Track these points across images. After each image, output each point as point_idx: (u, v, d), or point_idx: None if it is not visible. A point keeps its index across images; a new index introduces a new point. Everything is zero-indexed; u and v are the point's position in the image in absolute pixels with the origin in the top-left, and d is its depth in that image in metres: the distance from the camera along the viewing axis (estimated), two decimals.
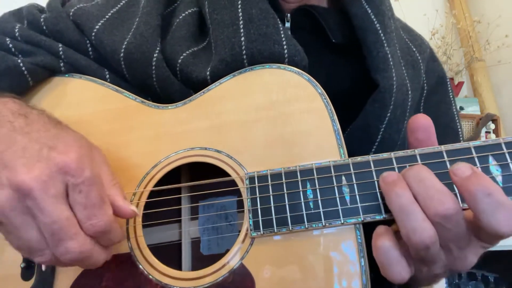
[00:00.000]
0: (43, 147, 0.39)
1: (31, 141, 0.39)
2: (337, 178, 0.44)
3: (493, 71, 1.91)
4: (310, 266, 0.43)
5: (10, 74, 0.54)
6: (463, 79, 1.93)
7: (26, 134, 0.40)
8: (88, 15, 0.59)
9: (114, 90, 0.55)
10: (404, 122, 0.58)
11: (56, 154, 0.38)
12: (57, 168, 0.38)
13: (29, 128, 0.40)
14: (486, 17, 1.87)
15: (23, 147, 0.38)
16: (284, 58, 0.52)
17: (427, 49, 0.69)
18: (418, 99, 0.66)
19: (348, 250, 0.43)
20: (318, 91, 0.49)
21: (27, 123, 0.41)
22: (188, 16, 0.59)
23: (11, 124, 0.40)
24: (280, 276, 0.43)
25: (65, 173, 0.38)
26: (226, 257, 0.45)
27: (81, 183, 0.38)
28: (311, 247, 0.43)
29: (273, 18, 0.54)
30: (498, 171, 0.41)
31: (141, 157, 0.51)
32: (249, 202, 0.46)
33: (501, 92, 1.90)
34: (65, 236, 0.37)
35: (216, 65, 0.53)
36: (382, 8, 0.60)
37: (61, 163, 0.38)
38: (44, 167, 0.37)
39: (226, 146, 0.49)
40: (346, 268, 0.42)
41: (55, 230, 0.37)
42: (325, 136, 0.47)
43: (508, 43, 1.79)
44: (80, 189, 0.38)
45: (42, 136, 0.40)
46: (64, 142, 0.40)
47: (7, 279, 0.49)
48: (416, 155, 0.43)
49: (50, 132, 0.41)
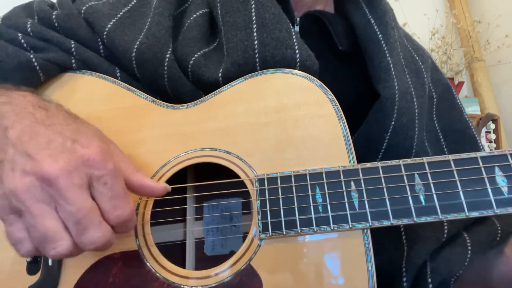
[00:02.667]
0: (66, 140, 0.39)
1: (54, 134, 0.40)
2: (346, 183, 0.45)
3: (493, 71, 1.91)
4: (317, 269, 0.44)
5: (23, 69, 0.54)
6: (463, 79, 1.94)
7: (49, 127, 0.40)
8: (100, 14, 0.59)
9: (126, 89, 0.56)
10: (415, 130, 0.59)
11: (79, 147, 0.39)
12: (82, 160, 0.39)
13: (51, 121, 0.41)
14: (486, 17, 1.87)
15: (47, 139, 0.39)
16: (296, 62, 0.53)
17: (428, 59, 0.71)
18: (429, 107, 0.67)
19: (356, 254, 0.43)
20: (328, 97, 0.50)
21: (48, 116, 0.42)
22: (199, 17, 0.60)
23: (33, 116, 0.41)
24: (287, 278, 0.44)
25: (90, 166, 0.39)
26: (234, 257, 0.46)
27: (106, 175, 0.39)
28: (319, 250, 0.44)
29: (286, 23, 0.55)
30: (504, 182, 0.42)
31: (150, 156, 0.52)
32: (258, 204, 0.46)
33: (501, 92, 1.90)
34: (90, 225, 0.38)
35: (228, 67, 0.53)
36: (385, 18, 0.61)
37: (85, 156, 0.39)
38: (69, 158, 0.38)
39: (236, 147, 0.50)
40: (353, 272, 0.43)
41: (80, 218, 0.38)
42: (335, 141, 0.48)
43: (508, 43, 1.79)
44: (105, 181, 0.39)
45: (65, 129, 0.41)
46: (86, 135, 0.41)
47: (13, 273, 0.49)
48: (424, 163, 0.44)
49: (71, 126, 0.42)
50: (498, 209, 0.42)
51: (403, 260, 0.54)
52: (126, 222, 0.41)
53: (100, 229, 0.39)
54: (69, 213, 0.37)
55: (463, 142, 0.66)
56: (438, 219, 0.42)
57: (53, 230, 0.38)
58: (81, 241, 0.38)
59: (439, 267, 0.54)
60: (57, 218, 0.38)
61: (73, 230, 0.38)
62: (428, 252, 0.54)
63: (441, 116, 0.68)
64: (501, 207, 0.42)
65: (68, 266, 0.48)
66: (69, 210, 0.37)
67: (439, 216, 0.42)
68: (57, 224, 0.38)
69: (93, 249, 0.39)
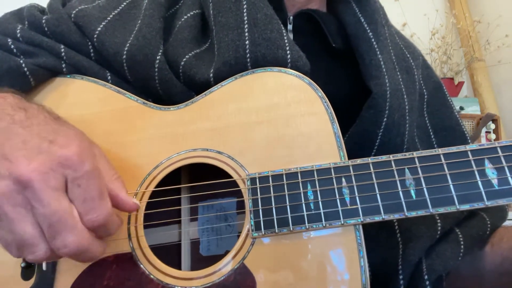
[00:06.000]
0: (43, 141, 0.38)
1: (31, 134, 0.39)
2: (337, 179, 0.45)
3: (493, 71, 1.91)
4: (310, 266, 0.44)
5: (12, 74, 0.54)
6: (463, 79, 1.94)
7: (27, 128, 0.39)
8: (90, 17, 0.59)
9: (116, 91, 0.56)
10: (406, 126, 0.59)
11: (57, 148, 0.38)
12: (57, 161, 0.38)
13: (29, 122, 0.40)
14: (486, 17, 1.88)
15: (23, 140, 0.38)
16: (287, 63, 0.53)
17: (419, 57, 0.72)
18: (419, 104, 0.68)
19: (348, 250, 0.43)
20: (318, 94, 0.50)
21: (27, 116, 0.41)
22: (191, 18, 0.60)
23: (11, 117, 0.40)
24: (281, 276, 0.44)
25: (66, 166, 0.38)
26: (227, 257, 0.46)
27: (80, 177, 0.38)
28: (311, 247, 0.44)
29: (277, 24, 0.55)
30: (494, 174, 0.42)
31: (142, 158, 0.52)
32: (250, 203, 0.46)
33: (501, 92, 1.90)
34: (63, 228, 0.37)
35: (219, 67, 0.53)
36: (375, 16, 0.61)
37: (62, 156, 0.38)
38: (44, 159, 0.37)
39: (228, 147, 0.50)
40: (346, 268, 0.43)
41: (53, 221, 0.37)
42: (325, 138, 0.48)
43: (508, 43, 1.80)
44: (79, 182, 0.38)
45: (43, 129, 0.40)
46: (65, 136, 0.40)
47: (7, 279, 0.49)
48: (414, 157, 0.44)
49: (50, 126, 0.41)
50: (489, 201, 0.42)
51: (398, 259, 0.55)
52: (103, 226, 0.40)
53: (74, 233, 0.37)
54: (43, 216, 0.37)
55: (454, 138, 0.67)
56: (429, 213, 0.42)
57: (29, 234, 0.37)
58: (55, 244, 0.37)
59: (434, 263, 0.54)
60: (34, 222, 0.37)
61: (47, 233, 0.37)
62: (423, 250, 0.54)
63: (431, 113, 0.69)
64: (491, 199, 0.42)
65: (62, 271, 0.48)
66: (42, 213, 0.36)
67: (430, 210, 0.42)
68: (33, 228, 0.37)
69: (68, 254, 0.38)
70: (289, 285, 0.44)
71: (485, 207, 0.42)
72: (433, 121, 0.69)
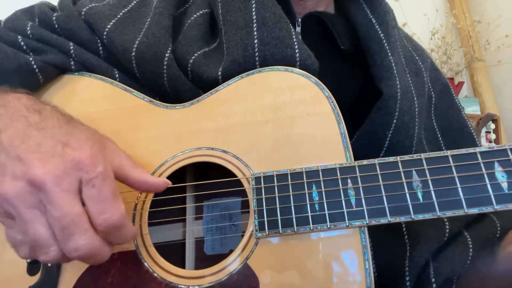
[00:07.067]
0: (57, 144, 0.39)
1: (45, 137, 0.39)
2: (343, 180, 0.44)
3: (493, 71, 1.90)
4: (314, 268, 0.43)
5: (22, 71, 0.55)
6: (463, 79, 1.92)
7: (41, 130, 0.40)
8: (100, 15, 0.59)
9: (123, 89, 0.56)
10: (415, 128, 0.59)
11: (70, 151, 0.39)
12: (71, 164, 0.38)
13: (44, 124, 0.41)
14: (486, 17, 1.86)
15: (38, 143, 0.39)
16: (296, 61, 0.53)
17: (427, 59, 0.71)
18: (427, 107, 0.67)
19: (353, 252, 0.43)
20: (325, 94, 0.50)
21: (42, 119, 0.42)
22: (200, 17, 0.60)
23: (26, 119, 0.41)
24: (284, 277, 0.44)
25: (79, 169, 0.38)
26: (231, 256, 0.45)
27: (94, 178, 0.38)
28: (315, 249, 0.44)
29: (286, 23, 0.55)
30: (504, 177, 0.41)
31: (148, 156, 0.52)
32: (254, 203, 0.46)
33: (501, 92, 1.88)
34: (75, 231, 0.37)
35: (228, 65, 0.53)
36: (386, 18, 0.61)
37: (75, 159, 0.38)
38: (58, 162, 0.38)
39: (233, 146, 0.50)
40: (350, 270, 0.42)
41: (65, 224, 0.37)
42: (332, 138, 0.48)
43: (508, 43, 1.78)
44: (93, 183, 0.38)
45: (57, 132, 0.40)
46: (78, 139, 0.41)
47: (13, 274, 0.49)
48: (422, 159, 0.44)
49: (64, 128, 0.42)
50: (498, 205, 0.41)
51: (405, 260, 0.54)
52: (116, 228, 0.40)
53: (86, 236, 0.38)
54: (55, 218, 0.37)
55: (461, 140, 0.66)
56: (436, 216, 0.42)
57: (43, 236, 0.37)
58: (66, 247, 0.38)
59: (442, 266, 0.53)
60: (47, 224, 0.37)
61: (59, 236, 0.37)
62: (431, 252, 0.53)
63: (439, 115, 0.68)
64: (501, 203, 0.41)
65: (67, 267, 0.48)
66: (55, 216, 0.37)
67: (437, 213, 0.41)
68: (45, 231, 0.37)
69: (79, 257, 0.38)
70: (292, 286, 0.43)
71: (494, 211, 0.41)
72: (440, 123, 0.68)
